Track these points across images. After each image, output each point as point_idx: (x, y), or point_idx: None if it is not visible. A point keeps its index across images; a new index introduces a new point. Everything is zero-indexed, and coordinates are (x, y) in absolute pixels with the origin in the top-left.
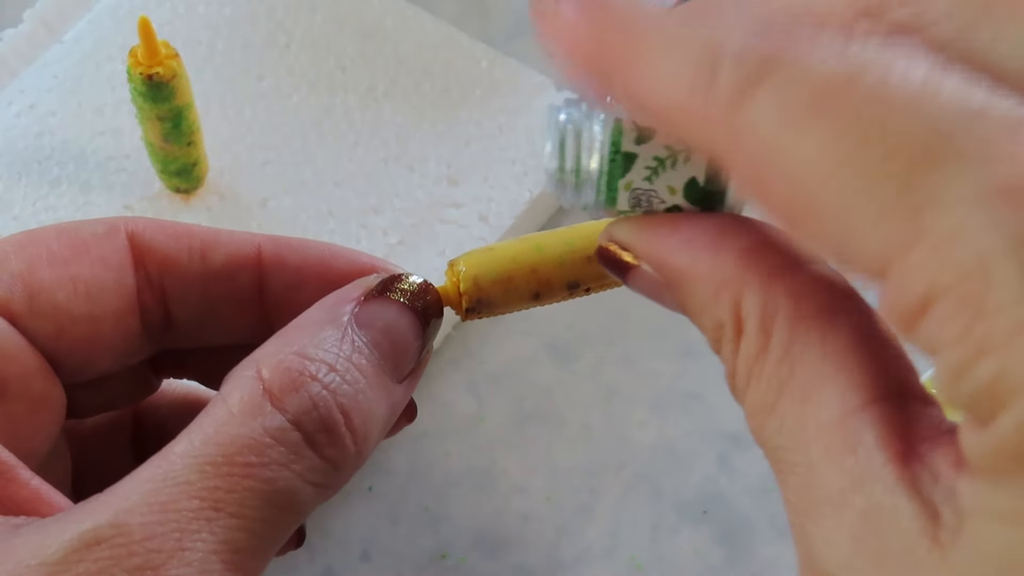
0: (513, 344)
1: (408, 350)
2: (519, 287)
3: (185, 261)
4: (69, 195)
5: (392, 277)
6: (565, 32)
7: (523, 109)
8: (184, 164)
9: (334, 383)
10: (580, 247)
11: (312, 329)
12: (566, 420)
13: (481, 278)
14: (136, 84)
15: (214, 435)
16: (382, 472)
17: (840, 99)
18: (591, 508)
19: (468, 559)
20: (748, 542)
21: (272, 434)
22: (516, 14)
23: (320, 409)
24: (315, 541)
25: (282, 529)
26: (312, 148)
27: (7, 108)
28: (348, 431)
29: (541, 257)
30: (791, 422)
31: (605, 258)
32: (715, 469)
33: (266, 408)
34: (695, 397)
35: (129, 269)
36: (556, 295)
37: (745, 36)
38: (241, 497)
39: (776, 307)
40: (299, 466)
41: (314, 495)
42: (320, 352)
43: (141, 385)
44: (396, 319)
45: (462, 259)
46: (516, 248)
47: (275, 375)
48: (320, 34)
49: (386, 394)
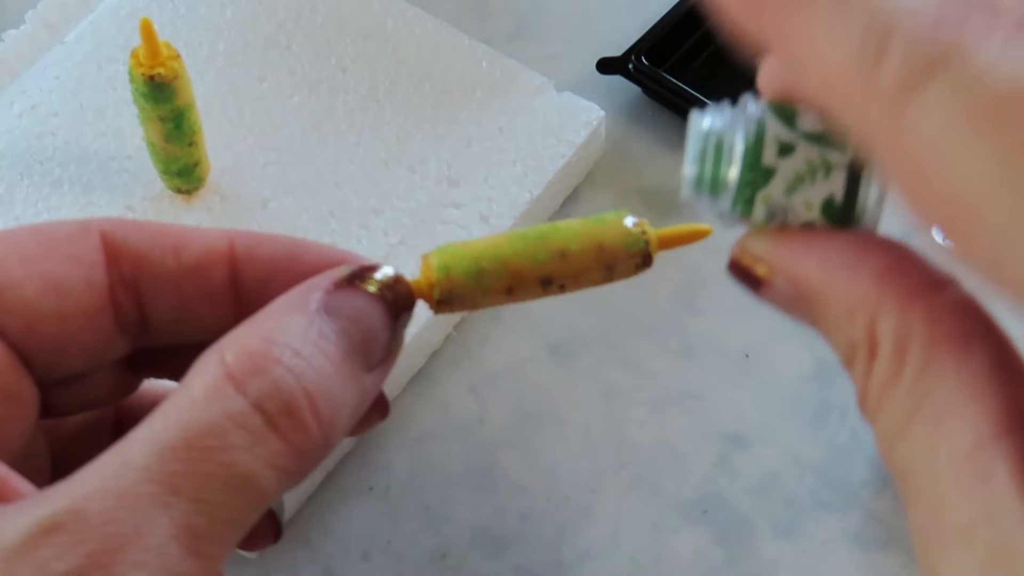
0: (513, 344)
1: (377, 339)
2: (491, 282)
3: (158, 259)
4: (71, 195)
5: (363, 268)
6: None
7: (523, 110)
8: (185, 165)
9: (299, 367)
10: (556, 243)
11: (279, 315)
12: (566, 420)
13: (453, 270)
14: (138, 85)
15: (174, 420)
16: (382, 472)
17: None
18: (591, 508)
19: (468, 559)
20: (748, 542)
21: (233, 417)
22: (517, 15)
23: (283, 392)
24: (315, 540)
25: (244, 514)
26: (313, 149)
27: (9, 109)
28: (313, 416)
29: (514, 252)
30: (921, 449)
31: (737, 269)
32: (715, 469)
33: (228, 392)
34: (695, 397)
35: (100, 267)
36: (529, 291)
37: (918, 16)
38: (200, 482)
39: (912, 330)
40: (261, 450)
41: (277, 480)
42: (285, 337)
43: (120, 384)
44: (365, 308)
45: (436, 252)
46: (491, 243)
47: (238, 359)
48: (321, 35)
49: (354, 382)
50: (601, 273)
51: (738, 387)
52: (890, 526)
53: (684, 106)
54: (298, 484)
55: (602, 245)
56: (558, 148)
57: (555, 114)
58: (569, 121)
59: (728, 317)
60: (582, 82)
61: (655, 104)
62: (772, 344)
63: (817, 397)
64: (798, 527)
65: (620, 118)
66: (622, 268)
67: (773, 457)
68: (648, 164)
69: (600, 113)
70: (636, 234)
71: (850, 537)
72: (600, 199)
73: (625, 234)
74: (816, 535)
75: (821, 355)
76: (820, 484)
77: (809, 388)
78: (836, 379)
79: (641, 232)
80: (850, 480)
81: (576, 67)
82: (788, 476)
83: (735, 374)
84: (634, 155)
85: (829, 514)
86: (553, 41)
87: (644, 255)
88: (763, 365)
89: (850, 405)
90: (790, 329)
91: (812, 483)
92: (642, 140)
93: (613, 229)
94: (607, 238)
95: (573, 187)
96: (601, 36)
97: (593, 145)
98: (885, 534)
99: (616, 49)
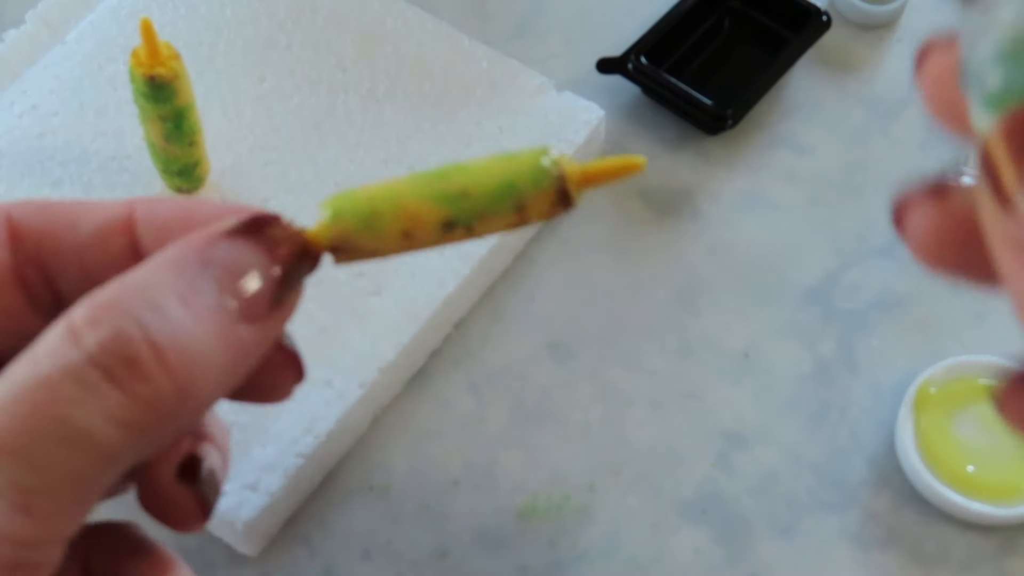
0: (513, 343)
1: (262, 292)
2: (387, 225)
3: (59, 234)
4: (71, 195)
5: (251, 218)
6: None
7: (523, 110)
8: (186, 164)
9: (146, 317)
10: (457, 182)
11: (146, 269)
12: (566, 419)
13: (344, 215)
14: (138, 85)
15: (8, 379)
16: (382, 471)
17: None
18: (591, 507)
19: (468, 558)
20: (747, 542)
21: (66, 370)
22: (516, 15)
23: (122, 342)
24: (315, 540)
25: (85, 469)
26: (313, 148)
27: (9, 109)
28: (159, 366)
29: (413, 193)
30: None
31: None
32: (714, 469)
33: (65, 346)
34: (694, 397)
35: (1, 246)
36: (431, 235)
37: None
38: (28, 438)
39: None
40: (96, 403)
41: (122, 435)
42: (143, 288)
43: None
44: (245, 257)
45: (331, 197)
46: (389, 185)
47: (84, 312)
48: (321, 35)
49: (224, 334)
50: (511, 215)
51: (737, 387)
52: (889, 525)
53: (684, 106)
54: (165, 440)
55: (511, 182)
56: (558, 148)
57: (555, 114)
58: (569, 121)
59: (727, 317)
60: (582, 82)
61: (655, 104)
62: (771, 344)
63: (816, 397)
64: (797, 527)
65: (620, 118)
66: (536, 208)
67: (772, 457)
68: (648, 164)
69: (600, 113)
70: (549, 167)
71: (849, 536)
72: (599, 199)
73: (536, 168)
74: (815, 535)
75: (821, 355)
76: (819, 484)
77: (808, 388)
78: (835, 379)
79: (555, 167)
80: (849, 480)
81: (576, 67)
82: (787, 476)
83: (734, 374)
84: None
85: (828, 513)
86: (553, 41)
87: (560, 192)
88: (762, 365)
89: (849, 404)
90: (790, 329)
91: (811, 483)
92: (642, 140)
93: (525, 164)
94: (516, 174)
95: None
96: (601, 36)
97: (593, 145)
98: (884, 533)
99: (616, 49)
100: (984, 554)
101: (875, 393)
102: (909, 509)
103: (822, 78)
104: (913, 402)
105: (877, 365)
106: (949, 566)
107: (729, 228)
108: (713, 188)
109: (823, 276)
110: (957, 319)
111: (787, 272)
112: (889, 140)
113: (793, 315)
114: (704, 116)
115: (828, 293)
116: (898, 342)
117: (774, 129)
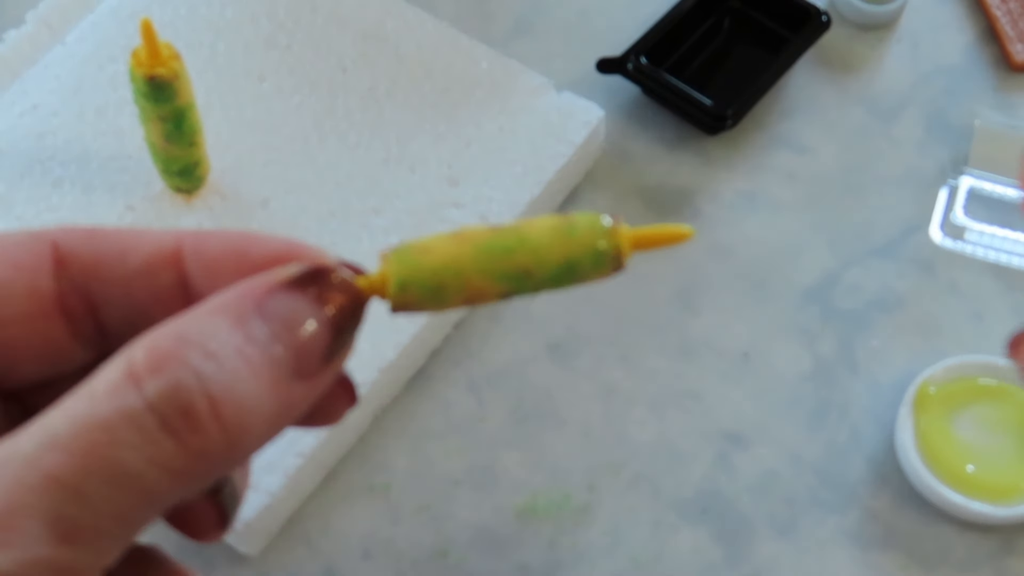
0: (513, 343)
1: (315, 348)
2: (450, 297)
3: (106, 264)
4: (71, 195)
5: (312, 268)
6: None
7: (523, 110)
8: (186, 164)
9: (206, 370)
10: (522, 260)
11: (205, 315)
12: (566, 419)
13: (411, 287)
14: (138, 85)
15: (69, 414)
16: (382, 471)
17: None
18: (591, 507)
19: (468, 558)
20: (747, 541)
21: (125, 415)
22: (516, 15)
23: (181, 393)
24: (315, 539)
25: (130, 510)
26: (313, 148)
27: (10, 108)
28: (213, 420)
29: (478, 268)
30: None
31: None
32: (714, 468)
33: (126, 389)
34: (694, 396)
35: (47, 274)
36: (489, 301)
37: None
38: (81, 473)
39: None
40: (150, 449)
41: (169, 482)
42: (202, 337)
43: None
44: (303, 313)
45: (394, 256)
46: (453, 254)
47: (145, 356)
48: (321, 35)
49: (278, 389)
50: (568, 286)
51: (737, 386)
52: (889, 525)
53: (683, 106)
54: (209, 484)
55: (572, 265)
56: (558, 148)
57: (555, 114)
58: (569, 121)
59: (727, 317)
60: (582, 82)
61: (655, 104)
62: (771, 344)
63: (816, 396)
64: (797, 526)
65: (619, 118)
66: (590, 280)
67: (772, 456)
68: (648, 164)
69: (600, 113)
70: (606, 251)
71: (849, 536)
72: (600, 199)
73: (595, 253)
74: (815, 534)
75: (820, 354)
76: (819, 483)
77: (808, 387)
78: (835, 378)
79: (613, 247)
80: (849, 479)
81: (576, 67)
82: (787, 475)
83: (734, 373)
84: (633, 155)
85: (828, 513)
86: (553, 41)
87: (615, 267)
88: (762, 364)
89: (849, 404)
90: (789, 329)
91: (811, 482)
92: (641, 140)
93: (585, 244)
94: (578, 256)
95: (573, 187)
96: (601, 36)
97: (592, 145)
98: (884, 533)
99: (616, 49)
100: (984, 554)
101: (875, 393)
102: (909, 509)
103: (822, 78)
104: (913, 402)
105: (877, 365)
106: (949, 566)
107: (729, 228)
108: (713, 188)
109: (823, 276)
110: (957, 319)
111: (787, 272)
112: (889, 140)
113: (793, 315)
114: (704, 116)
115: (828, 293)
116: (898, 342)
117: (774, 129)
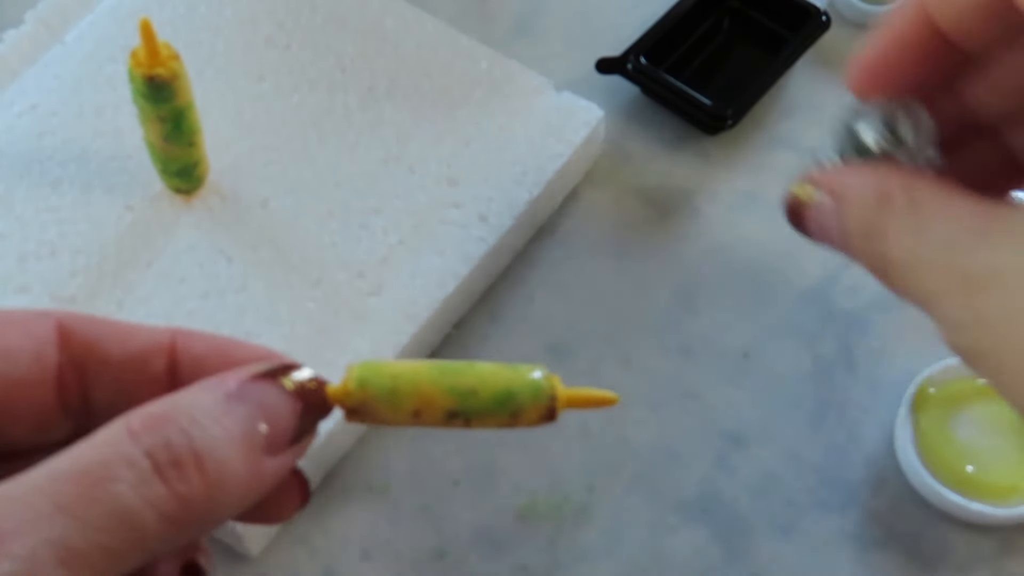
0: (513, 343)
1: (282, 430)
2: (402, 402)
3: (105, 345)
4: (71, 195)
5: (283, 365)
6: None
7: (523, 110)
8: (185, 164)
9: (194, 432)
10: (469, 380)
11: (193, 391)
12: (565, 420)
13: (369, 386)
14: (137, 85)
15: (72, 455)
16: (382, 472)
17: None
18: (591, 508)
19: (468, 558)
20: (747, 541)
21: (123, 456)
22: (516, 15)
23: (173, 447)
24: (315, 540)
25: (122, 545)
26: (313, 148)
27: (8, 108)
28: (198, 472)
29: (430, 380)
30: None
31: (792, 209)
32: (714, 468)
33: (123, 439)
34: (694, 396)
35: (52, 345)
36: (435, 419)
37: None
38: (85, 503)
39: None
40: (144, 489)
41: (159, 522)
42: (190, 408)
43: None
44: (274, 399)
45: (359, 365)
46: (412, 368)
47: (140, 419)
48: (320, 35)
49: (250, 458)
50: (505, 418)
51: (737, 387)
52: (889, 525)
53: (683, 106)
54: (181, 543)
55: (511, 392)
56: (557, 148)
57: (554, 114)
58: (568, 121)
59: (727, 317)
60: (581, 82)
61: (654, 104)
62: (771, 344)
63: (816, 396)
64: (797, 526)
65: (619, 118)
66: (526, 417)
67: (772, 456)
68: (647, 164)
69: (599, 113)
70: (545, 387)
71: (849, 536)
72: (599, 198)
73: (535, 387)
74: (815, 534)
75: (820, 354)
76: (819, 483)
77: (808, 387)
78: (835, 379)
79: (550, 387)
80: (849, 479)
81: (575, 67)
82: (787, 475)
83: (734, 374)
84: (633, 155)
85: (828, 513)
86: (553, 41)
87: (550, 409)
88: (762, 365)
89: (849, 404)
90: (789, 329)
91: (811, 482)
92: (641, 140)
93: (524, 380)
94: (517, 386)
95: (572, 186)
96: (600, 36)
97: (592, 145)
98: (884, 533)
99: (616, 49)
100: (983, 554)
101: (874, 393)
102: (908, 509)
103: (822, 78)
104: (912, 402)
105: (877, 365)
106: (948, 566)
107: (729, 228)
108: (713, 188)
109: (823, 276)
110: None
111: (787, 272)
112: None
113: (793, 315)
114: (704, 116)
115: (828, 293)
116: (898, 342)
117: (774, 129)
